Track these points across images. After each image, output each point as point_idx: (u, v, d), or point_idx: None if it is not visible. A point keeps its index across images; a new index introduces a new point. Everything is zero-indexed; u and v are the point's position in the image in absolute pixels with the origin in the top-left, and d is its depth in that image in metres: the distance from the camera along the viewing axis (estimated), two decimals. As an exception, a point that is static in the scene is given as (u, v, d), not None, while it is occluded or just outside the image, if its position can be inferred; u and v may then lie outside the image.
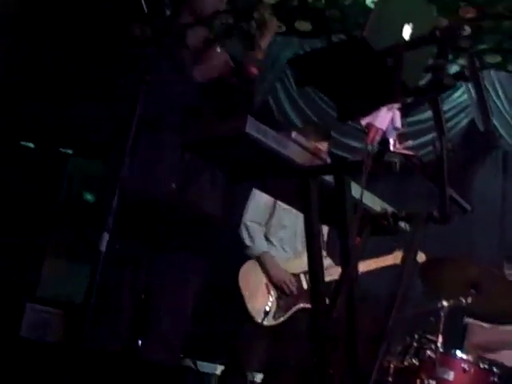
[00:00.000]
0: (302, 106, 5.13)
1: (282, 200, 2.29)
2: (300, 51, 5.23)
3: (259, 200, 3.75)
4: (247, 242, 3.80)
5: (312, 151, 1.77)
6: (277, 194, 2.20)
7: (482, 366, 3.31)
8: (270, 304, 3.62)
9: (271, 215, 3.84)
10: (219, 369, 3.92)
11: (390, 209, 1.98)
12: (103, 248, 1.49)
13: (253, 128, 1.59)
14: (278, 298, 3.70)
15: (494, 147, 5.21)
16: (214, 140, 1.68)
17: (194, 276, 2.45)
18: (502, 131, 5.18)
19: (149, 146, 2.19)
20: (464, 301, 3.31)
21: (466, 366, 3.27)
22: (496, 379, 3.28)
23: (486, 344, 3.92)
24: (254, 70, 2.34)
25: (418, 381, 3.23)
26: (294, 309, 3.73)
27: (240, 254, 3.85)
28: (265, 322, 3.59)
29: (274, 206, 3.79)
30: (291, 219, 3.75)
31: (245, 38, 2.30)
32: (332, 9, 4.92)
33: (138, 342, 3.01)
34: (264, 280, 3.72)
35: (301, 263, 3.67)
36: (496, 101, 5.21)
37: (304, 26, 5.18)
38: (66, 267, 4.36)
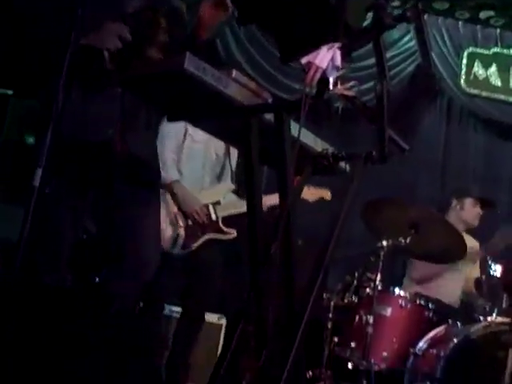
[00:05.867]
0: (249, 47, 5.02)
1: (218, 137, 2.26)
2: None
3: (170, 130, 3.52)
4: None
5: (253, 90, 1.76)
6: (213, 131, 2.16)
7: (418, 302, 3.46)
8: (178, 232, 3.53)
9: (181, 147, 3.65)
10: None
11: (330, 149, 1.99)
12: (37, 183, 1.48)
13: (191, 64, 1.57)
14: (187, 228, 3.57)
15: (435, 90, 5.30)
16: (153, 76, 1.66)
17: (152, 210, 2.43)
18: (447, 79, 5.25)
19: (85, 87, 2.13)
20: (403, 241, 3.43)
21: (402, 302, 3.42)
22: (431, 314, 3.44)
23: (423, 277, 4.08)
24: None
25: (357, 317, 3.37)
26: (203, 239, 3.60)
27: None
28: (173, 251, 3.50)
29: (185, 137, 3.63)
30: (200, 151, 3.66)
31: None
32: None
33: (94, 278, 2.96)
34: (173, 209, 3.57)
35: (210, 195, 3.62)
36: (443, 48, 5.26)
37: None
38: (2, 209, 4.27)
